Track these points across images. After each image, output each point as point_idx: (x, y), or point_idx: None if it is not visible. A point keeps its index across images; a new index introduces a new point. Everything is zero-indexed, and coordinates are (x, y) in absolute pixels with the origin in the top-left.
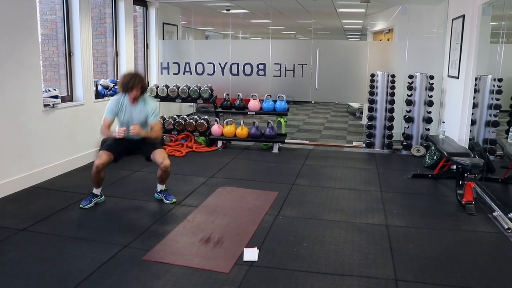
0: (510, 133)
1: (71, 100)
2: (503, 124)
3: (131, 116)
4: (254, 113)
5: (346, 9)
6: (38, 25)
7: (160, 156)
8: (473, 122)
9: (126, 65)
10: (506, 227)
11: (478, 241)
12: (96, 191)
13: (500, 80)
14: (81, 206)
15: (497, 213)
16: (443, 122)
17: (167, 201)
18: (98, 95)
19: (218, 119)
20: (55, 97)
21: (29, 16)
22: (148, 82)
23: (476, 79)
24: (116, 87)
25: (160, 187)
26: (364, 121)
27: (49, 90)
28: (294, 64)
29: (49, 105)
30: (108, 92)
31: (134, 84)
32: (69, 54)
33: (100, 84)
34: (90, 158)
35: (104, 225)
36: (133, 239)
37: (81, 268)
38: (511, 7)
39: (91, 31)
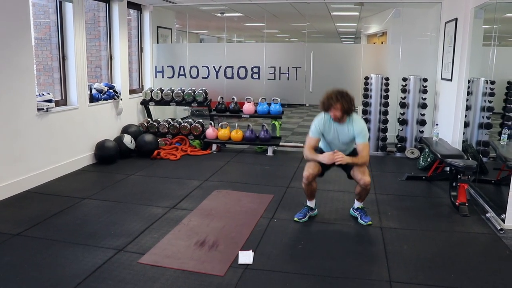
0: (502, 135)
1: (65, 104)
2: (496, 126)
3: (338, 135)
4: (248, 116)
5: (340, 12)
6: (31, 28)
7: (359, 172)
8: (466, 124)
9: (120, 69)
10: (499, 228)
11: (472, 242)
12: (310, 203)
13: (492, 82)
14: (295, 219)
15: (490, 214)
16: (437, 124)
17: (362, 221)
18: (92, 99)
19: (212, 123)
20: (49, 101)
21: (23, 20)
22: (143, 85)
23: (469, 81)
24: (110, 90)
25: (357, 203)
26: None
27: (43, 94)
28: (288, 67)
29: (43, 109)
30: (102, 96)
31: (332, 104)
32: (63, 58)
33: (94, 88)
34: (85, 162)
35: (98, 229)
36: (128, 243)
37: (76, 272)
38: (503, 10)
39: (85, 34)
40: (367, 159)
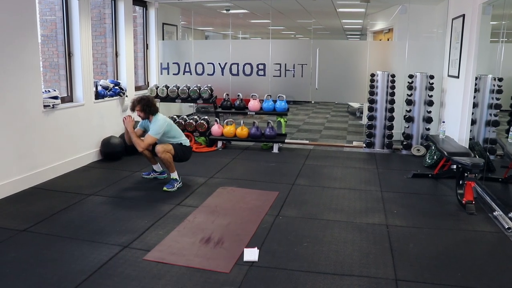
0: (510, 133)
1: (71, 100)
2: (503, 123)
3: (146, 129)
4: (254, 113)
5: (346, 8)
6: (37, 25)
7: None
8: (473, 122)
9: (126, 66)
10: (506, 226)
11: (479, 240)
12: (154, 167)
13: (500, 79)
14: (142, 175)
15: (498, 212)
16: (443, 122)
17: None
18: (98, 95)
19: (218, 119)
20: (55, 97)
21: (29, 17)
22: (148, 82)
23: (476, 78)
24: (115, 87)
25: (170, 174)
26: (364, 121)
27: (49, 91)
28: (294, 64)
29: (49, 105)
30: (108, 93)
31: (134, 106)
32: (69, 54)
33: (100, 85)
34: (90, 159)
35: (104, 225)
36: (133, 240)
37: (82, 268)
38: (511, 6)
39: (90, 31)
40: (143, 144)
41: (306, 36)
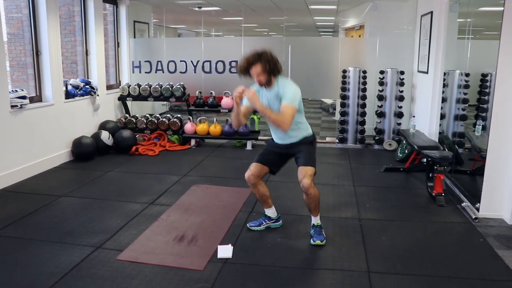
0: (477, 126)
1: (40, 100)
2: (471, 117)
3: (268, 104)
4: (227, 110)
5: (318, 6)
6: (3, 23)
7: (302, 171)
8: (442, 116)
9: (97, 64)
10: (473, 217)
11: (448, 231)
12: (268, 211)
13: (467, 75)
14: (248, 226)
15: (466, 203)
16: (414, 117)
17: (312, 241)
18: (68, 95)
19: (191, 117)
20: (23, 97)
21: None
22: (120, 81)
23: (444, 74)
24: (86, 86)
25: (313, 219)
26: (337, 116)
27: (17, 91)
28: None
29: (17, 106)
30: (79, 92)
31: (251, 64)
32: (36, 53)
33: (70, 84)
34: (61, 160)
35: (75, 226)
36: (106, 240)
37: (53, 270)
38: (476, 4)
39: (59, 29)
40: (286, 119)
41: (279, 33)
